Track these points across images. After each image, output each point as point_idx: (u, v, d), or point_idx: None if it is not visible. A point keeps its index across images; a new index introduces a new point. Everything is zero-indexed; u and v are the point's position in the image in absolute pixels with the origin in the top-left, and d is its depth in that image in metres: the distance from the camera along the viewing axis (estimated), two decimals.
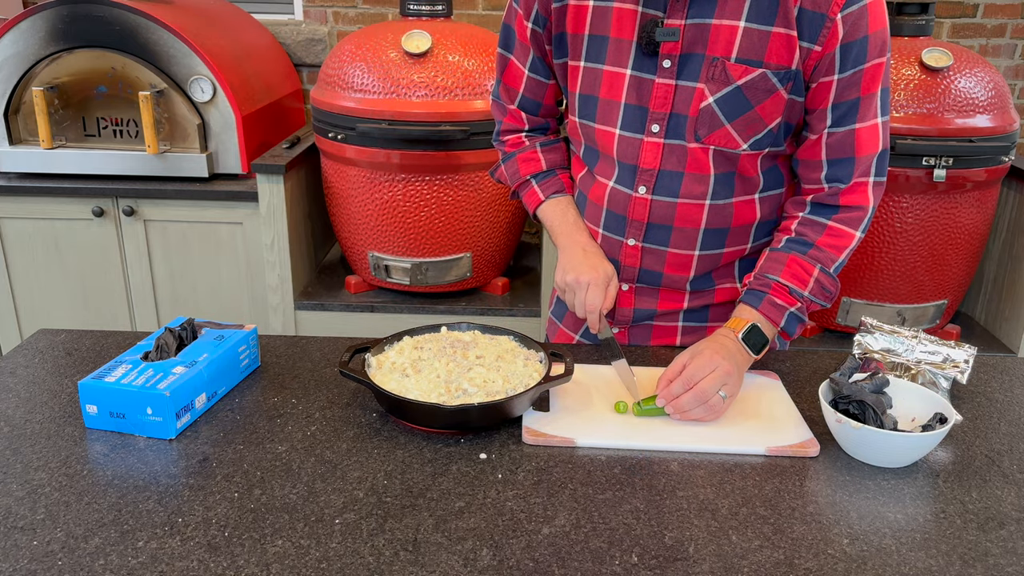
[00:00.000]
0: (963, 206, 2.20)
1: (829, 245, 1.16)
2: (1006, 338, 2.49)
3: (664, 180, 1.19)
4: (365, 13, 2.90)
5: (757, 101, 1.11)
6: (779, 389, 1.17)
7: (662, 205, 1.21)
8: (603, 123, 1.21)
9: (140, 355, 1.11)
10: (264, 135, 2.53)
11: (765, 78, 1.09)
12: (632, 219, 1.23)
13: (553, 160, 1.37)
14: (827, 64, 1.08)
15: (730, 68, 1.10)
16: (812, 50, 1.07)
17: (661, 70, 1.14)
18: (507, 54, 1.31)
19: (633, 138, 1.19)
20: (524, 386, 1.08)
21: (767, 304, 1.15)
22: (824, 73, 1.09)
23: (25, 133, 2.42)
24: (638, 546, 0.85)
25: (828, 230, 1.16)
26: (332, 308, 2.40)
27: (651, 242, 1.24)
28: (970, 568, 0.84)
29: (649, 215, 1.22)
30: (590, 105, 1.22)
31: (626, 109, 1.18)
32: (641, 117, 1.17)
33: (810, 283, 1.15)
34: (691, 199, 1.19)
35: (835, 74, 1.09)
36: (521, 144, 1.38)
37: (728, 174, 1.18)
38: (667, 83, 1.14)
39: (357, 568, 0.81)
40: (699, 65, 1.12)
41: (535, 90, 1.32)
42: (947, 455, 1.04)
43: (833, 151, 1.14)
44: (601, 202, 1.26)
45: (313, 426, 1.07)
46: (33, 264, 2.46)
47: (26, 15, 2.26)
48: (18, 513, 0.88)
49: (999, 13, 2.84)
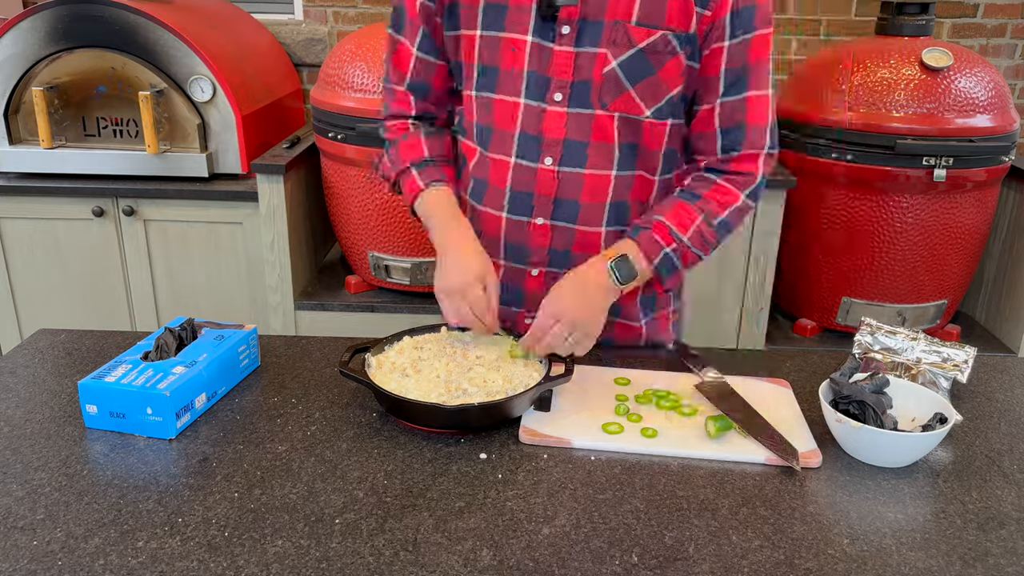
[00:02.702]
0: (963, 206, 2.20)
1: (715, 199, 1.18)
2: (1006, 338, 2.49)
3: (570, 150, 1.17)
4: (365, 13, 2.90)
5: (659, 64, 1.12)
6: (788, 396, 1.16)
7: (569, 177, 1.19)
8: (505, 93, 1.18)
9: (140, 355, 1.11)
10: (264, 135, 2.53)
11: (666, 40, 1.10)
12: (539, 194, 1.20)
13: (436, 149, 1.29)
14: (718, 30, 1.11)
15: (632, 31, 1.10)
16: (704, 15, 1.10)
17: (560, 36, 1.12)
18: (396, 35, 1.26)
19: (537, 107, 1.16)
20: (524, 386, 1.08)
21: (644, 237, 1.16)
22: (715, 39, 1.12)
23: (25, 133, 2.41)
24: (638, 546, 0.85)
25: (715, 186, 1.19)
26: (332, 308, 2.39)
27: (559, 219, 1.22)
28: (970, 568, 0.84)
29: (557, 189, 1.19)
30: (490, 75, 1.18)
31: (529, 77, 1.15)
32: (543, 85, 1.15)
33: (691, 228, 1.17)
34: (597, 170, 1.18)
35: (725, 40, 1.12)
36: (405, 130, 1.30)
37: (632, 145, 1.18)
38: (567, 50, 1.13)
39: (357, 568, 0.81)
40: (598, 30, 1.11)
41: (424, 72, 1.26)
42: (947, 455, 1.04)
43: (726, 120, 1.17)
44: (504, 183, 1.22)
45: (313, 426, 1.07)
46: (33, 264, 2.46)
47: (26, 15, 2.26)
48: (18, 513, 0.88)
49: (999, 13, 2.83)
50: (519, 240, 1.25)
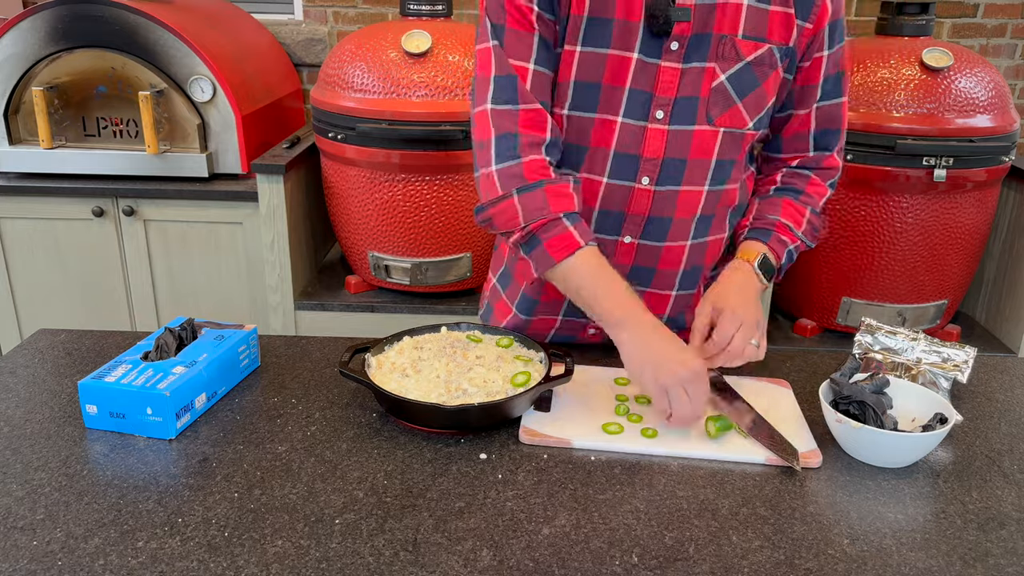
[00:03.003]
0: (963, 206, 2.20)
1: (814, 192, 1.27)
2: (1006, 338, 2.49)
3: (668, 169, 1.16)
4: (365, 13, 2.90)
5: (763, 77, 1.14)
6: (788, 397, 1.16)
7: (665, 195, 1.18)
8: (604, 112, 1.14)
9: (140, 355, 1.11)
10: (264, 135, 2.53)
11: (771, 53, 1.12)
12: (631, 214, 1.19)
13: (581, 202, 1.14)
14: (819, 41, 1.15)
15: (739, 44, 1.11)
16: (805, 27, 1.13)
17: (667, 53, 1.10)
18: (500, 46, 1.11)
19: (636, 126, 1.13)
20: (524, 386, 1.08)
21: (774, 240, 1.22)
22: (817, 49, 1.16)
23: (25, 133, 2.41)
24: (638, 546, 0.85)
25: (811, 181, 1.27)
26: (332, 308, 2.39)
27: (648, 238, 1.21)
28: (970, 568, 0.84)
29: (651, 208, 1.18)
30: (590, 93, 1.13)
31: (630, 95, 1.12)
32: (645, 103, 1.12)
33: (803, 223, 1.25)
34: (692, 186, 1.18)
35: (825, 50, 1.16)
36: (546, 172, 1.11)
37: (729, 160, 1.18)
38: (673, 66, 1.11)
39: (357, 568, 0.81)
40: (706, 45, 1.10)
41: (542, 88, 1.12)
42: (947, 455, 1.04)
43: (822, 123, 1.23)
44: (593, 203, 1.19)
45: (313, 426, 1.07)
46: (33, 264, 2.46)
47: (26, 15, 2.26)
48: (18, 513, 0.88)
49: (999, 13, 2.84)
50: None
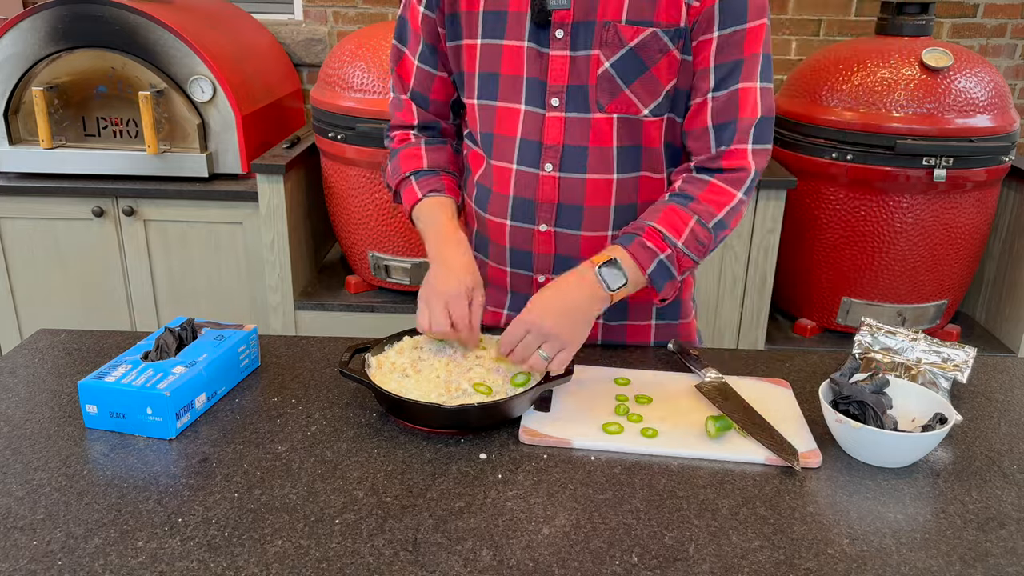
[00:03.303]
0: (963, 206, 2.20)
1: (709, 200, 1.14)
2: (1006, 338, 2.49)
3: (570, 155, 1.17)
4: (365, 13, 2.90)
5: (652, 62, 1.12)
6: (788, 397, 1.16)
7: (571, 183, 1.19)
8: (506, 100, 1.19)
9: (140, 355, 1.11)
10: (264, 135, 2.53)
11: (656, 37, 1.10)
12: (541, 201, 1.20)
13: (436, 159, 1.30)
14: (706, 20, 1.10)
15: (622, 30, 1.11)
16: (692, 6, 1.09)
17: (554, 41, 1.13)
18: (400, 45, 1.29)
19: (536, 113, 1.17)
20: (524, 386, 1.08)
21: (637, 245, 1.11)
22: (704, 30, 1.11)
23: (25, 133, 2.41)
24: (638, 546, 0.85)
25: (709, 187, 1.15)
26: (332, 308, 2.39)
27: (563, 226, 1.22)
28: (970, 568, 0.84)
29: (559, 195, 1.19)
30: (491, 83, 1.19)
31: (528, 83, 1.16)
32: (541, 91, 1.16)
33: (685, 232, 1.12)
34: (598, 174, 1.18)
35: (714, 31, 1.10)
36: (407, 140, 1.32)
37: (633, 147, 1.18)
38: (562, 54, 1.13)
39: (357, 568, 0.81)
40: (590, 32, 1.12)
41: (424, 82, 1.28)
42: (947, 455, 1.04)
43: (718, 115, 1.14)
44: (507, 190, 1.22)
45: (313, 426, 1.07)
46: (33, 264, 2.46)
47: (26, 15, 2.26)
48: (18, 513, 0.88)
49: (999, 13, 2.84)
50: (524, 247, 1.25)
